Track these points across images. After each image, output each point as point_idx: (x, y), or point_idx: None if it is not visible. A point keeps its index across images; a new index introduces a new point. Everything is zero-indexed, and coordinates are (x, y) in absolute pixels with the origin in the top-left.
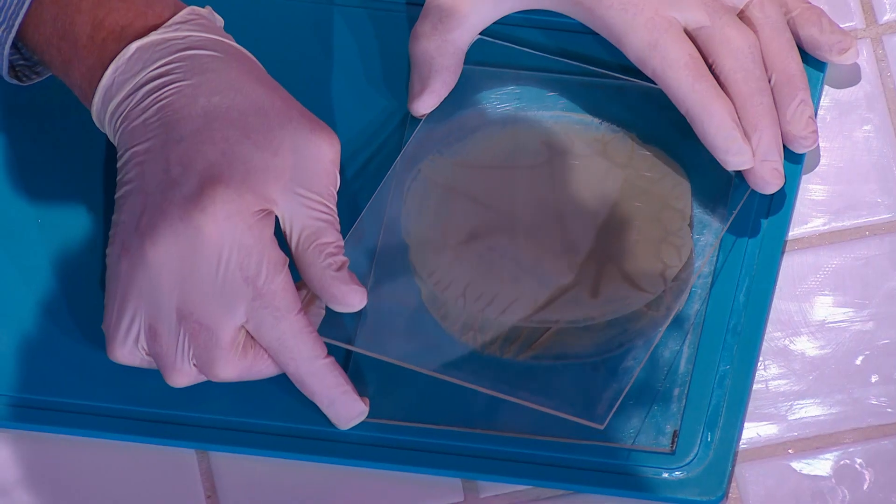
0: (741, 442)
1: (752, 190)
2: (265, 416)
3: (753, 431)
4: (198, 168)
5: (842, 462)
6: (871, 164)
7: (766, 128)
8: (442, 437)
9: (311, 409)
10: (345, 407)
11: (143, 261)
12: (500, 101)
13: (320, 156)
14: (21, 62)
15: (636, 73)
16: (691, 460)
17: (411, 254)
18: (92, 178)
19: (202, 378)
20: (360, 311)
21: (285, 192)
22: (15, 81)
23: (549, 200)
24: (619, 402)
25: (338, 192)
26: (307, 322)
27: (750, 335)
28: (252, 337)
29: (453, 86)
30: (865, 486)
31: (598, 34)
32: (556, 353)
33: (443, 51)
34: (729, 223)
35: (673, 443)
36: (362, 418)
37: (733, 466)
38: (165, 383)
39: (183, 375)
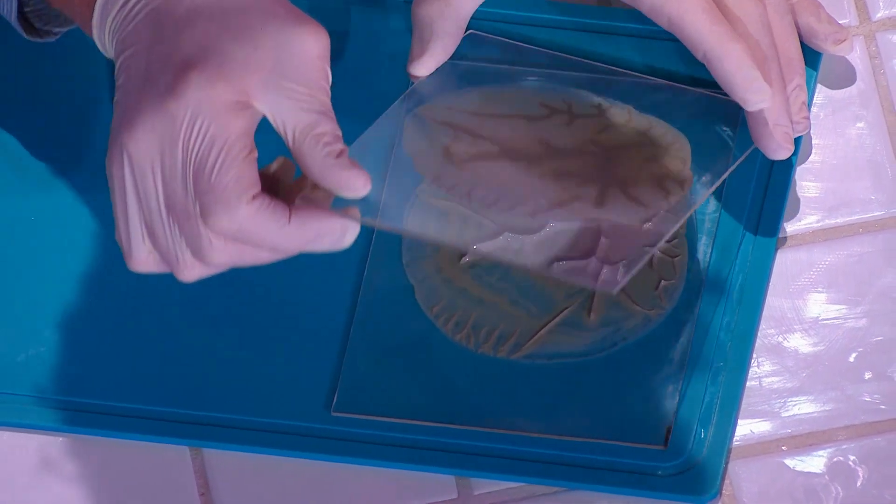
0: (735, 439)
1: (755, 148)
2: (259, 412)
3: (747, 428)
4: (175, 62)
5: (835, 459)
6: (864, 161)
7: (777, 92)
8: (436, 434)
9: (305, 406)
10: (335, 236)
11: (128, 159)
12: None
13: (306, 49)
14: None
15: (636, 71)
16: (685, 457)
17: (415, 163)
18: (100, 173)
19: (211, 271)
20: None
21: (267, 85)
22: (21, 32)
23: (550, 142)
24: (633, 272)
25: None
26: (261, 200)
27: (743, 332)
28: None
29: (452, 52)
30: (859, 483)
31: (595, 32)
32: (549, 353)
33: (444, 15)
34: (730, 171)
35: (666, 439)
36: (357, 231)
37: (727, 463)
38: (159, 379)
39: (189, 269)
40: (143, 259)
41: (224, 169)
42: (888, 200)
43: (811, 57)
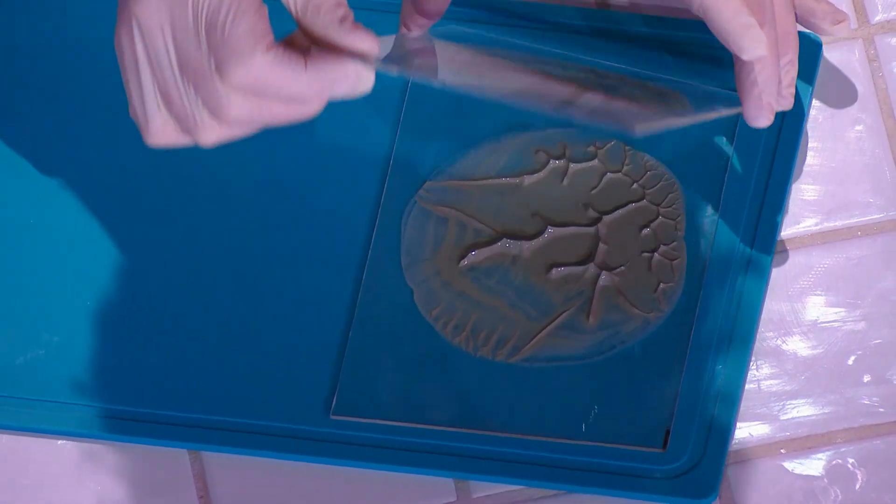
0: (733, 442)
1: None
2: (258, 416)
3: (746, 431)
4: None
5: (834, 462)
6: (862, 164)
7: (771, 62)
8: (434, 437)
9: (304, 410)
10: (351, 80)
11: (137, 26)
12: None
13: None
14: None
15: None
16: (684, 460)
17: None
18: (101, 172)
19: (230, 132)
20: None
21: None
22: None
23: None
24: (660, 128)
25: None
26: (276, 50)
27: (742, 335)
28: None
29: (445, 10)
30: (858, 486)
31: (590, 34)
32: (548, 356)
33: None
34: (736, 111)
35: (665, 442)
36: (372, 76)
37: (726, 466)
38: (157, 382)
39: (208, 130)
40: (159, 129)
41: (236, 21)
42: (887, 204)
43: (807, 69)
